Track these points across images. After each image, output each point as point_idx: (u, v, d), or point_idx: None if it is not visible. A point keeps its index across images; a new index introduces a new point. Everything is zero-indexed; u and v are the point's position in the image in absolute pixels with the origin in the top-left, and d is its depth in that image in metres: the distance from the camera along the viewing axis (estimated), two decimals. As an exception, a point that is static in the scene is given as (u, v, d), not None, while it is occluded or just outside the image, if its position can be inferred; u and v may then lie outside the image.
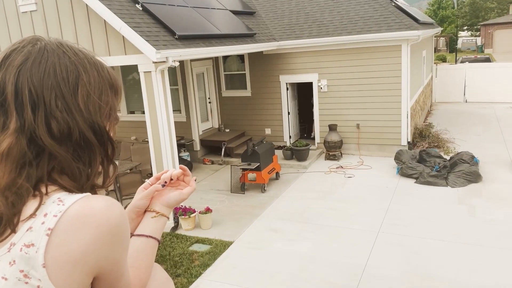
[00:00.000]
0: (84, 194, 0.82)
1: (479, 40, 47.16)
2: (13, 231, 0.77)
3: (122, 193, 8.08)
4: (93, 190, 0.89)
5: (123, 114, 11.94)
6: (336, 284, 5.22)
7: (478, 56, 25.32)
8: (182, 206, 7.21)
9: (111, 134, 0.93)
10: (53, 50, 0.86)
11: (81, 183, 0.86)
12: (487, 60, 22.45)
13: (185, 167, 1.15)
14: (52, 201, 0.80)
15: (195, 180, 1.21)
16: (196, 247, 6.45)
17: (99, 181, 0.92)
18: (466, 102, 16.87)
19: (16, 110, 0.81)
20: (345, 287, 5.12)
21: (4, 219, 0.77)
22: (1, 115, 0.82)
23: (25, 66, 0.83)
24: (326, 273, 5.47)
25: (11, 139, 0.80)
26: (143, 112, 7.52)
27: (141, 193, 1.10)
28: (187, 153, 10.46)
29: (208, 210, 7.11)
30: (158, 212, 1.07)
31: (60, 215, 0.77)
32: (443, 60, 32.29)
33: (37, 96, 0.82)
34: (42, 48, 0.86)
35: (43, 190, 0.81)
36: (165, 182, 1.11)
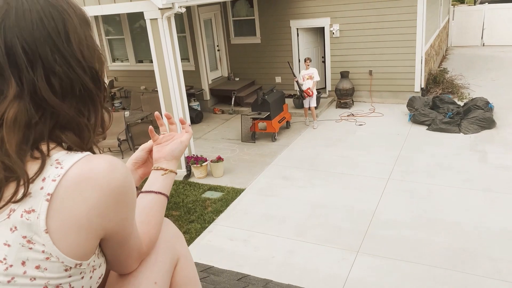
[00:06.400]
0: (84, 153, 0.77)
1: (501, -21, 44.54)
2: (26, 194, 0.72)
3: (134, 143, 8.18)
4: (95, 145, 0.85)
5: (131, 64, 11.81)
6: (345, 228, 5.35)
7: (499, -4, 23.99)
8: (194, 155, 7.30)
9: (103, 77, 0.86)
10: None
11: (85, 139, 0.82)
12: (510, 0, 21.28)
13: (170, 115, 1.16)
14: (50, 164, 0.74)
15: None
16: (208, 194, 6.61)
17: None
18: (484, 45, 16.26)
19: (12, 74, 0.73)
20: (355, 232, 5.26)
21: (23, 183, 0.72)
22: None
23: (8, 21, 0.73)
24: (336, 218, 5.60)
25: (16, 105, 0.72)
26: (152, 61, 7.41)
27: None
28: (197, 103, 10.44)
29: (219, 159, 7.20)
30: (167, 169, 1.07)
31: (59, 179, 0.72)
32: (461, 1, 30.80)
33: (32, 53, 0.73)
34: None
35: (44, 149, 0.75)
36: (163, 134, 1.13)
